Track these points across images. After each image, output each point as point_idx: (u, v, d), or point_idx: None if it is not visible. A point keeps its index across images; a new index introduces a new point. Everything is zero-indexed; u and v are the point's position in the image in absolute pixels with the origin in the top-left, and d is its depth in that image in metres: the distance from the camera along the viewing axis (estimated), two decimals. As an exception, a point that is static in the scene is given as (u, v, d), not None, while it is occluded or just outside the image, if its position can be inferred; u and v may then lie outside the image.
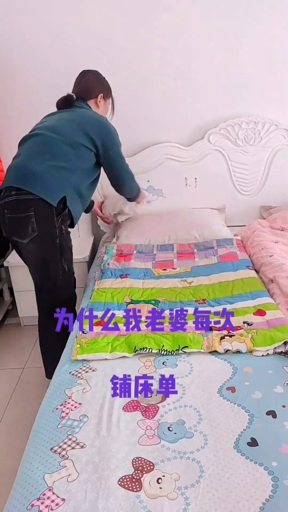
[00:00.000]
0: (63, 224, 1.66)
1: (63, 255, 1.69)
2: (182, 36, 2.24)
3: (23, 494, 0.90)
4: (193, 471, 0.92)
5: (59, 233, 1.64)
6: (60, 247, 1.66)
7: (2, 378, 2.10)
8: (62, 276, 1.71)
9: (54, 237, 1.63)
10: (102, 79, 1.94)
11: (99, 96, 1.89)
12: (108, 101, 1.96)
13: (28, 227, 1.59)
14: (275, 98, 2.39)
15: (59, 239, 1.65)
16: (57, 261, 1.68)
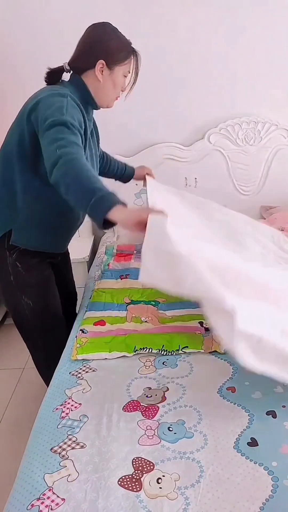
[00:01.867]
0: (17, 261, 1.41)
1: (23, 292, 1.46)
2: (182, 35, 2.24)
3: (23, 494, 0.90)
4: (193, 471, 0.92)
5: (12, 269, 1.42)
6: (17, 285, 1.45)
7: (2, 378, 2.10)
8: (29, 313, 1.50)
9: (7, 274, 1.43)
10: (110, 37, 1.33)
11: (98, 65, 1.31)
12: (115, 71, 1.34)
13: None
14: (275, 98, 2.39)
15: (13, 277, 1.43)
16: (17, 298, 1.48)
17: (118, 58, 1.33)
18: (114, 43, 1.33)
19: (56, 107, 1.18)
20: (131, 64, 1.38)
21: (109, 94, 1.39)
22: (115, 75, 1.35)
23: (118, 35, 1.36)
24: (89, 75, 1.34)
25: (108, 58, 1.32)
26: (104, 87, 1.36)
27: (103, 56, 1.31)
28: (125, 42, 1.37)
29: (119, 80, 1.37)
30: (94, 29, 1.35)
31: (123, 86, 1.41)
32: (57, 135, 1.12)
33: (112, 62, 1.33)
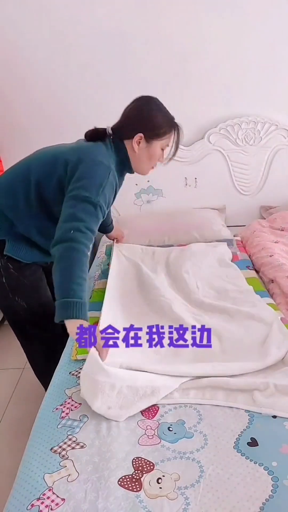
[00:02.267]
0: (9, 262, 1.44)
1: (16, 293, 1.48)
2: (182, 35, 2.24)
3: (23, 494, 0.90)
4: (193, 471, 0.93)
5: (4, 271, 1.44)
6: (9, 287, 1.47)
7: (2, 378, 2.10)
8: (23, 314, 1.52)
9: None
10: (153, 112, 1.41)
11: (136, 138, 1.38)
12: (153, 144, 1.40)
13: None
14: (275, 98, 2.38)
15: (5, 279, 1.45)
16: (9, 299, 1.50)
17: (157, 133, 1.40)
18: (156, 120, 1.40)
19: (96, 183, 1.26)
20: (171, 139, 1.45)
21: (144, 165, 1.46)
22: (152, 148, 1.41)
23: (161, 111, 1.43)
24: (129, 143, 1.41)
25: (148, 132, 1.39)
26: (140, 158, 1.43)
27: (143, 130, 1.38)
28: (167, 118, 1.43)
29: (156, 153, 1.43)
30: (140, 102, 1.44)
31: (161, 157, 1.47)
32: (81, 215, 1.21)
33: (151, 137, 1.39)
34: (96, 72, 2.31)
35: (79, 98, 2.36)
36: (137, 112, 1.42)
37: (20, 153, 2.37)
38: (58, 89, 2.34)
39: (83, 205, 1.22)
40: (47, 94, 2.35)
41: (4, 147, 2.48)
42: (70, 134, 2.45)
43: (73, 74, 2.31)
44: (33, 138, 2.44)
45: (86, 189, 1.24)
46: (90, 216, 1.23)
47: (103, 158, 1.33)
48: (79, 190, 1.24)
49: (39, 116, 2.40)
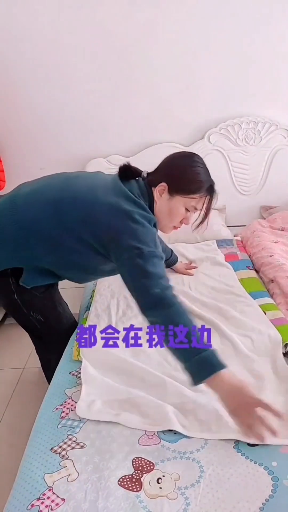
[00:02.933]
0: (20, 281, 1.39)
1: (30, 307, 1.45)
2: (182, 36, 2.24)
3: (23, 494, 0.90)
4: (193, 471, 0.93)
5: (15, 288, 1.39)
6: (22, 302, 1.42)
7: (2, 378, 2.10)
8: (40, 326, 1.49)
9: (9, 293, 1.40)
10: (190, 167, 1.30)
11: (160, 186, 1.29)
12: (175, 199, 1.28)
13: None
14: (275, 98, 2.38)
15: (16, 295, 1.41)
16: (24, 315, 1.47)
17: (183, 188, 1.28)
18: (186, 173, 1.29)
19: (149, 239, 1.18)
20: (200, 202, 1.30)
21: (163, 219, 1.33)
22: (174, 203, 1.29)
23: (197, 167, 1.30)
24: (155, 192, 1.32)
25: (173, 183, 1.28)
26: (159, 210, 1.31)
27: (169, 180, 1.28)
28: (202, 178, 1.29)
29: (177, 210, 1.30)
30: (181, 153, 1.38)
31: (185, 218, 1.33)
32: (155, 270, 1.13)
33: (174, 189, 1.28)
34: (97, 72, 2.31)
35: (80, 98, 2.36)
36: (172, 161, 1.34)
37: (20, 152, 2.38)
38: (59, 89, 2.34)
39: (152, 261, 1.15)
40: (48, 95, 2.35)
41: (4, 147, 2.48)
42: (70, 134, 2.46)
43: (72, 74, 2.31)
44: (33, 138, 2.45)
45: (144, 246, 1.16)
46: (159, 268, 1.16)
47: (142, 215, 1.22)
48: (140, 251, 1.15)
49: (39, 116, 2.40)
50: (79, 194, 1.27)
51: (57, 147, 2.40)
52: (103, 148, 2.40)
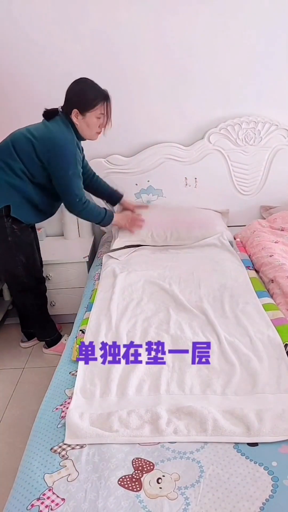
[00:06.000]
0: (13, 224, 1.82)
1: (19, 250, 1.87)
2: (182, 36, 2.24)
3: (23, 494, 0.90)
4: (193, 471, 0.92)
5: (10, 231, 1.82)
6: (15, 244, 1.85)
7: (2, 378, 2.10)
8: (22, 267, 1.91)
9: (5, 237, 1.82)
10: (82, 89, 1.77)
11: (73, 113, 1.77)
12: (87, 116, 1.77)
13: None
14: (275, 98, 2.39)
15: (10, 237, 1.83)
16: (13, 257, 1.88)
17: (87, 107, 1.75)
18: (86, 95, 1.76)
19: (71, 160, 1.76)
20: (102, 108, 1.77)
21: (86, 133, 1.84)
22: (88, 119, 1.78)
23: (90, 88, 1.77)
24: (73, 119, 1.79)
25: (80, 107, 1.76)
26: (81, 128, 1.81)
27: (76, 106, 1.76)
28: (96, 92, 1.76)
29: (92, 122, 1.80)
30: (73, 83, 1.79)
31: (100, 124, 1.82)
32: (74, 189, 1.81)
33: (84, 110, 1.76)
34: (97, 71, 2.30)
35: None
36: (71, 91, 1.78)
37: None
38: (59, 89, 2.34)
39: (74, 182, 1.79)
40: (48, 95, 2.35)
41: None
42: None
43: (72, 73, 2.30)
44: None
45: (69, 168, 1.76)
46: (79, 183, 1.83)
47: (64, 134, 1.76)
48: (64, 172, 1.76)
49: (39, 116, 2.40)
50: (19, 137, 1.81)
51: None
52: (103, 148, 2.40)
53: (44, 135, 1.76)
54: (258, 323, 1.45)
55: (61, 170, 1.76)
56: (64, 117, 1.80)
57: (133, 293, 1.72)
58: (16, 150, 1.76)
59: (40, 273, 2.07)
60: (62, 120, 1.80)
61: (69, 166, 1.76)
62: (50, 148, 1.73)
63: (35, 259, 2.00)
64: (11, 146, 1.77)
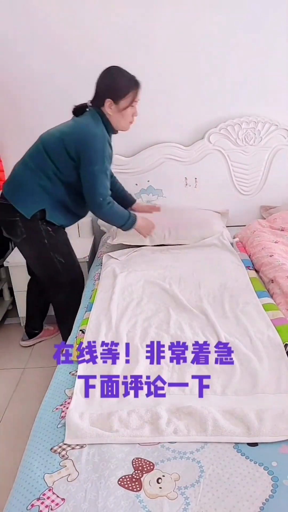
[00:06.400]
0: (49, 226, 1.82)
1: (56, 251, 1.86)
2: (182, 35, 2.24)
3: (23, 494, 0.90)
4: (193, 471, 0.92)
5: (45, 234, 1.82)
6: (50, 245, 1.84)
7: (2, 378, 2.10)
8: (61, 267, 1.89)
9: (41, 239, 1.82)
10: (113, 78, 1.72)
11: (106, 103, 1.71)
12: (121, 104, 1.72)
13: (17, 229, 1.81)
14: (275, 98, 2.39)
15: (46, 239, 1.82)
16: (51, 258, 1.86)
17: (120, 94, 1.70)
18: (118, 83, 1.70)
19: (99, 155, 1.69)
20: (135, 95, 1.73)
21: (121, 123, 1.78)
22: (122, 107, 1.72)
23: (121, 75, 1.71)
24: (104, 109, 1.74)
25: (113, 96, 1.70)
26: (115, 118, 1.76)
27: (109, 96, 1.70)
28: (127, 79, 1.71)
29: (126, 111, 1.74)
30: (102, 73, 1.73)
31: (133, 112, 1.77)
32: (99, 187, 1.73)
33: (117, 99, 1.70)
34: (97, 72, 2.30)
35: (80, 98, 2.35)
36: (102, 81, 1.73)
37: (20, 152, 2.38)
38: (59, 89, 2.34)
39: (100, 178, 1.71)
40: (48, 95, 2.35)
41: (4, 147, 2.48)
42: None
43: (73, 74, 2.31)
44: (34, 138, 2.44)
45: (96, 163, 1.69)
46: (105, 182, 1.74)
47: (93, 128, 1.70)
48: (91, 166, 1.69)
49: (40, 116, 2.40)
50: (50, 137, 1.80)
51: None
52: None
53: (72, 129, 1.72)
54: (258, 323, 1.45)
55: (87, 164, 1.69)
56: (94, 111, 1.75)
57: (133, 293, 1.72)
58: (47, 152, 1.73)
59: (78, 271, 2.03)
60: (92, 114, 1.75)
61: (95, 161, 1.69)
62: (78, 141, 1.69)
63: (74, 258, 2.00)
64: (42, 148, 1.75)
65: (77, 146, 1.68)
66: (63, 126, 1.77)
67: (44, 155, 1.73)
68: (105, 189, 1.76)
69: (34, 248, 1.88)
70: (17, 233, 1.82)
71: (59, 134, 1.73)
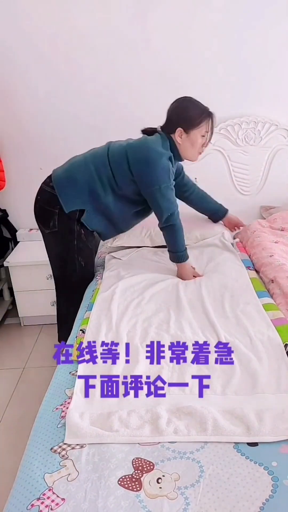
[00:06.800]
0: (82, 228, 1.83)
1: (80, 253, 1.87)
2: (182, 35, 2.24)
3: (23, 494, 0.90)
4: (193, 471, 0.92)
5: (77, 235, 1.83)
6: (78, 248, 1.85)
7: (2, 378, 2.10)
8: (79, 270, 1.90)
9: (72, 239, 1.83)
10: (187, 107, 1.75)
11: (177, 132, 1.74)
12: (191, 134, 1.73)
13: (51, 221, 1.80)
14: (275, 98, 2.39)
15: (76, 241, 1.84)
16: (74, 259, 1.87)
17: (193, 124, 1.72)
18: (189, 113, 1.73)
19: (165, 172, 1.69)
20: (207, 125, 1.74)
21: (189, 152, 1.79)
22: (192, 137, 1.74)
23: (193, 105, 1.74)
24: (174, 137, 1.76)
25: (185, 125, 1.72)
26: (184, 147, 1.77)
27: (181, 125, 1.72)
28: (200, 110, 1.73)
29: (197, 141, 1.75)
30: (176, 102, 1.77)
31: (204, 142, 1.78)
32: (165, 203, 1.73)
33: (188, 128, 1.72)
34: (98, 73, 2.31)
35: (80, 98, 2.36)
36: (174, 110, 1.76)
37: (20, 152, 2.39)
38: (59, 90, 2.35)
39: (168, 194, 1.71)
40: (48, 95, 2.35)
41: (4, 147, 2.48)
42: (70, 134, 2.46)
43: (73, 75, 2.31)
44: (33, 138, 2.45)
45: (162, 182, 1.69)
46: (172, 198, 1.74)
47: (160, 148, 1.71)
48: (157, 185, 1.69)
49: (40, 116, 2.41)
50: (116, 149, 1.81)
51: (57, 147, 2.41)
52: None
53: (139, 144, 1.75)
54: (258, 323, 1.45)
55: (153, 184, 1.70)
56: (164, 135, 1.77)
57: (134, 293, 1.72)
58: (109, 157, 1.74)
59: (91, 277, 1.99)
60: (162, 137, 1.77)
61: (161, 180, 1.69)
62: (142, 158, 1.70)
63: (92, 265, 2.02)
64: (106, 153, 1.76)
65: (140, 164, 1.70)
66: (133, 140, 1.81)
67: (106, 160, 1.75)
68: (172, 204, 1.75)
69: (61, 244, 1.87)
70: (49, 224, 1.81)
71: (125, 144, 1.77)
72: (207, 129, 1.75)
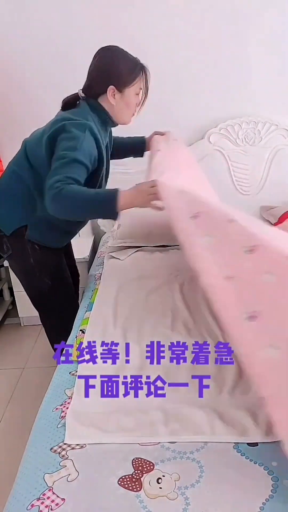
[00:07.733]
0: (35, 244, 1.58)
1: (43, 271, 1.64)
2: (182, 35, 2.24)
3: (23, 494, 0.90)
4: (193, 471, 0.92)
5: (31, 251, 1.59)
6: (37, 264, 1.62)
7: (2, 378, 2.10)
8: (47, 290, 1.68)
9: (27, 257, 1.60)
10: (115, 61, 1.43)
11: (109, 91, 1.43)
12: (125, 93, 1.44)
13: (3, 245, 1.62)
14: (275, 98, 2.39)
15: (33, 258, 1.60)
16: (36, 278, 1.66)
17: (127, 80, 1.43)
18: (122, 67, 1.43)
19: (72, 143, 1.33)
20: (141, 82, 1.48)
21: (124, 114, 1.51)
22: (127, 96, 1.46)
23: (125, 57, 1.45)
24: (104, 99, 1.46)
25: (118, 82, 1.42)
26: (118, 109, 1.48)
27: (113, 82, 1.42)
28: (132, 62, 1.45)
29: (132, 100, 1.48)
30: (102, 54, 1.46)
31: (137, 102, 1.52)
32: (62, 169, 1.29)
33: (122, 86, 1.43)
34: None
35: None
36: (102, 65, 1.45)
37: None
38: (59, 90, 2.33)
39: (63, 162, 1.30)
40: (48, 95, 2.35)
41: (4, 147, 2.48)
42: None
43: (74, 72, 2.30)
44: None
45: (66, 150, 1.32)
46: (70, 168, 1.30)
47: (79, 120, 1.38)
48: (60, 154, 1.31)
49: (40, 116, 2.39)
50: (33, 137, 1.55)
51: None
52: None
53: (52, 125, 1.43)
54: None
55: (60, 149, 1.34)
56: (85, 105, 1.47)
57: (133, 293, 1.72)
58: (28, 157, 1.50)
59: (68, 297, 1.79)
60: (83, 108, 1.47)
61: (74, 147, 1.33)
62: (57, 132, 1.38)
63: (65, 283, 1.75)
64: (24, 154, 1.52)
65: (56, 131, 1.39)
66: (46, 125, 1.50)
67: (25, 161, 1.50)
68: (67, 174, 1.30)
69: (20, 266, 1.69)
70: (3, 248, 1.63)
71: (40, 135, 1.47)
72: (141, 86, 1.48)
